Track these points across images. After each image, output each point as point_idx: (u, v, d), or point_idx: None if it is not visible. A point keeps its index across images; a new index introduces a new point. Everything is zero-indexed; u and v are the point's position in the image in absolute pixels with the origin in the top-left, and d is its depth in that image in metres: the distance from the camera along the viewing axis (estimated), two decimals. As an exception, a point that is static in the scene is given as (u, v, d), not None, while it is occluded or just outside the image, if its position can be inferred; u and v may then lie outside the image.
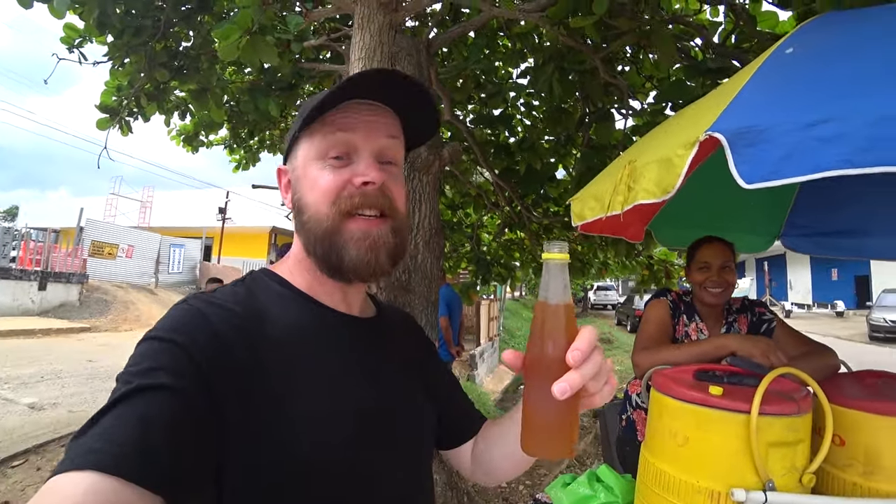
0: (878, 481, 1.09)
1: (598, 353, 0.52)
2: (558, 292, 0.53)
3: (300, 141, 0.69)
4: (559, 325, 0.52)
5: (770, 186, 0.71)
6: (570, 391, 0.48)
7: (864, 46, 0.84)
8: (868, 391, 1.24)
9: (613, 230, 1.82)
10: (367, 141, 0.67)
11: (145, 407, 0.48)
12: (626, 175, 1.05)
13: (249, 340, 0.59)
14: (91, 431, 0.46)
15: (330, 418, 0.61)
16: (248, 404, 0.56)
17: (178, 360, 0.53)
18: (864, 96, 0.69)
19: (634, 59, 3.62)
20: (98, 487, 0.42)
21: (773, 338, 1.65)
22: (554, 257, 0.53)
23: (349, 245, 0.64)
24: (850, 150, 0.63)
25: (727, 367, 1.24)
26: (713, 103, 0.96)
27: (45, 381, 6.46)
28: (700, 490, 1.02)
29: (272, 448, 0.56)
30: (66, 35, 3.65)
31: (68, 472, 0.43)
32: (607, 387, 0.55)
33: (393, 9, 2.00)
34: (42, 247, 13.56)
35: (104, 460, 0.43)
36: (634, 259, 5.31)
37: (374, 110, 0.68)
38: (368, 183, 0.65)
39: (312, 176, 0.67)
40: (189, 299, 0.62)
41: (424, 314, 2.47)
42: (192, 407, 0.51)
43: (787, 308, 21.66)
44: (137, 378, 0.50)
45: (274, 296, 0.68)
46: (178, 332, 0.56)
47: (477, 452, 0.84)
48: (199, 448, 0.51)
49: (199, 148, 5.47)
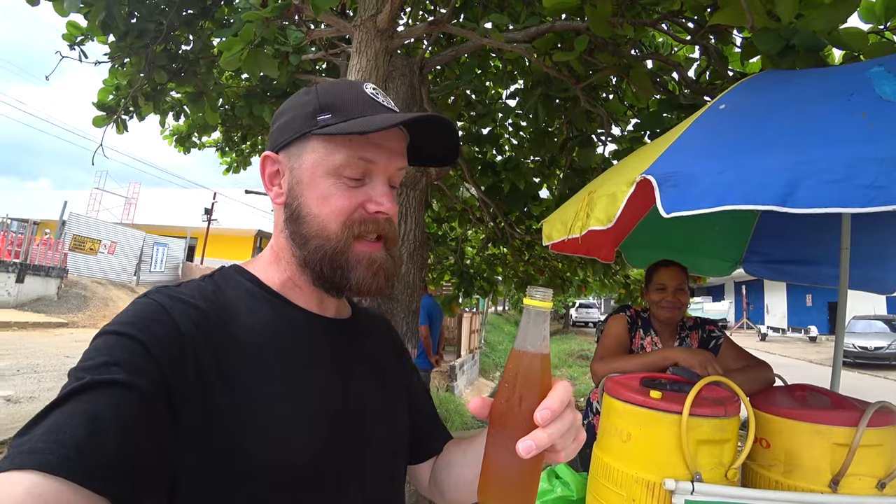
0: (796, 479, 1.25)
1: (570, 412, 0.51)
2: (536, 342, 0.50)
3: (310, 140, 0.65)
4: (533, 377, 0.50)
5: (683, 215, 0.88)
6: (536, 451, 0.46)
7: (779, 109, 1.02)
8: (795, 402, 1.40)
9: (584, 251, 1.99)
10: (385, 164, 0.66)
11: (96, 404, 0.45)
12: (585, 204, 1.22)
13: (212, 339, 0.57)
14: (36, 429, 0.43)
15: (294, 422, 0.59)
16: (207, 406, 0.53)
17: (135, 355, 0.50)
18: (762, 154, 0.86)
19: (616, 88, 3.83)
20: (40, 489, 0.39)
21: (720, 353, 1.82)
22: (535, 304, 0.50)
23: (358, 267, 0.65)
24: (743, 193, 0.81)
25: (670, 375, 1.40)
26: (655, 148, 1.13)
27: (22, 375, 6.41)
28: (638, 481, 1.17)
29: (230, 452, 0.54)
30: (69, 32, 3.72)
31: (9, 472, 0.40)
32: (574, 444, 0.53)
33: (389, 36, 2.16)
34: (21, 238, 13.37)
35: (48, 460, 0.41)
36: (612, 278, 5.50)
37: (396, 131, 0.68)
38: (381, 213, 0.65)
39: (324, 189, 0.64)
40: (150, 293, 0.59)
41: (405, 322, 2.60)
42: (147, 406, 0.48)
43: (762, 331, 22.11)
44: (90, 373, 0.48)
45: (243, 293, 0.65)
46: (137, 326, 0.53)
47: (436, 471, 0.82)
48: (151, 450, 0.48)
49: (192, 149, 5.54)
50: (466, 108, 4.28)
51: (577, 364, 15.07)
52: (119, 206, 25.64)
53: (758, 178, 0.81)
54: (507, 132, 4.47)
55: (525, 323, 0.51)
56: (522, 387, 0.50)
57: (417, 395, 0.85)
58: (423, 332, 4.77)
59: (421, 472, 0.84)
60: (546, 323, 0.51)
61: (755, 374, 1.64)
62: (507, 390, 0.50)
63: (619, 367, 1.61)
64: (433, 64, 3.26)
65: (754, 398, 1.39)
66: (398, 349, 0.86)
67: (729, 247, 2.66)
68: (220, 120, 4.85)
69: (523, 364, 0.50)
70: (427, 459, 0.83)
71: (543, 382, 0.50)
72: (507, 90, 4.45)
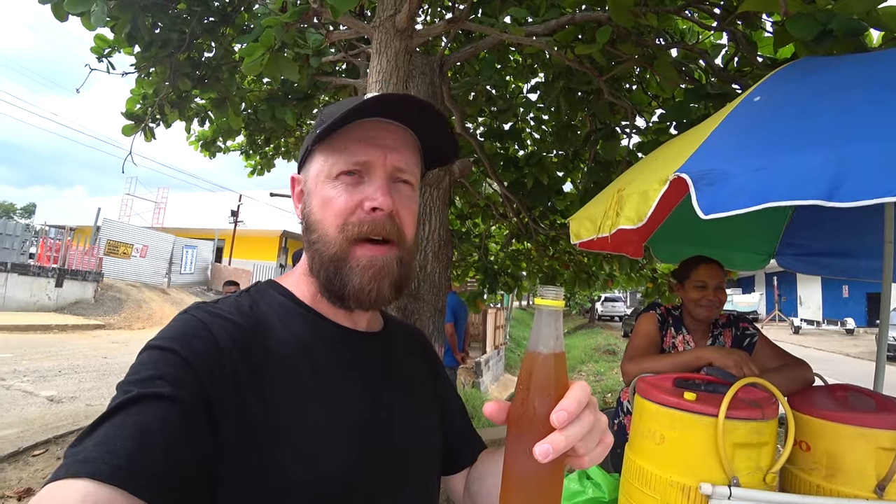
0: (838, 484, 1.20)
1: (590, 413, 0.48)
2: (549, 342, 0.49)
3: (315, 153, 0.68)
4: (548, 378, 0.48)
5: (722, 216, 0.84)
6: (553, 455, 0.44)
7: (816, 99, 0.97)
8: (836, 403, 1.34)
9: (613, 248, 1.95)
10: (382, 160, 0.65)
11: (144, 416, 0.48)
12: (614, 202, 1.18)
13: (250, 353, 0.58)
14: (88, 440, 0.46)
15: (329, 435, 0.59)
16: (244, 420, 0.55)
17: (178, 369, 0.52)
18: (801, 151, 0.82)
19: (640, 79, 3.74)
20: (94, 496, 0.41)
21: (754, 351, 1.76)
22: (547, 303, 0.49)
23: (353, 273, 0.63)
24: (783, 190, 0.77)
25: (704, 376, 1.36)
26: (688, 143, 1.09)
27: (63, 375, 6.67)
28: (673, 484, 1.14)
29: (266, 467, 0.55)
30: (97, 45, 3.83)
31: (65, 480, 0.42)
32: (600, 447, 0.50)
33: (409, 35, 2.15)
34: (59, 244, 13.88)
35: (101, 469, 0.43)
36: (639, 272, 5.41)
37: (391, 128, 0.67)
38: (377, 209, 0.63)
39: (324, 193, 0.65)
40: (191, 309, 0.61)
41: (432, 321, 2.60)
42: (190, 418, 0.50)
43: (796, 324, 21.45)
44: (137, 387, 0.50)
45: (277, 308, 0.67)
46: (180, 341, 0.55)
47: (469, 482, 0.81)
48: (195, 461, 0.49)
49: (217, 153, 5.65)
50: (487, 103, 4.25)
51: (603, 359, 14.89)
52: (149, 210, 26.40)
53: (800, 173, 0.77)
54: (528, 126, 4.42)
55: (537, 323, 0.50)
56: (537, 388, 0.48)
57: (450, 407, 0.85)
58: (448, 329, 4.77)
59: (455, 483, 0.83)
60: (559, 322, 0.50)
61: (793, 374, 1.58)
62: (523, 393, 0.49)
63: (650, 368, 1.57)
64: (453, 61, 3.24)
65: (793, 399, 1.34)
66: (431, 362, 0.85)
67: (762, 240, 2.57)
68: (244, 124, 4.94)
69: (537, 365, 0.49)
70: (461, 470, 0.83)
71: (559, 383, 0.48)
72: (527, 84, 4.40)
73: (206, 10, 3.74)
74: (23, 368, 6.78)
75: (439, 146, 0.73)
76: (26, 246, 13.88)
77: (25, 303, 12.28)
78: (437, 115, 0.67)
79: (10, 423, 4.64)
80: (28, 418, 4.81)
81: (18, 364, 7.03)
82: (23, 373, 6.55)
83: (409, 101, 0.64)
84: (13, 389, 5.74)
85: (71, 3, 2.71)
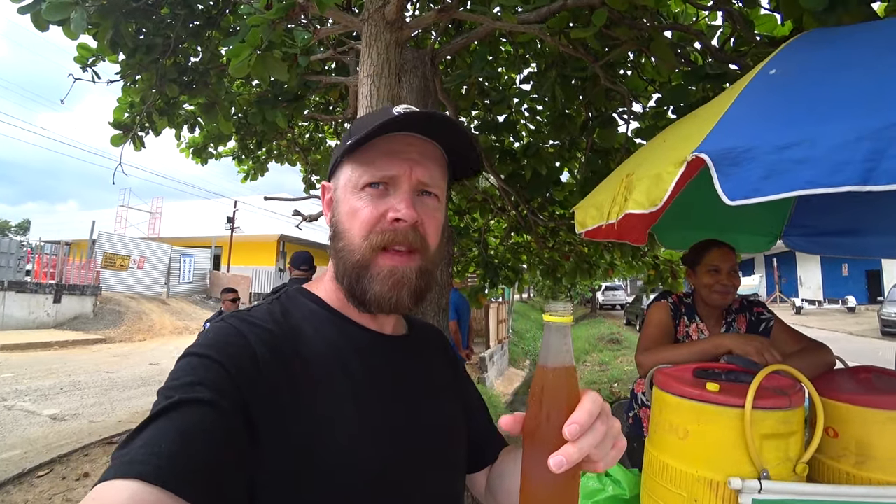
0: (869, 470, 1.15)
1: (601, 423, 0.50)
2: (559, 356, 0.51)
3: (344, 163, 0.70)
4: (559, 392, 0.50)
5: (750, 203, 0.78)
6: (567, 465, 0.46)
7: (839, 69, 0.91)
8: (861, 386, 1.30)
9: (617, 236, 1.89)
10: (407, 173, 0.66)
11: (185, 420, 0.50)
12: (623, 187, 1.13)
13: (284, 360, 0.60)
14: (134, 443, 0.48)
15: (363, 439, 0.61)
16: (280, 425, 0.56)
17: (216, 375, 0.54)
18: (831, 121, 0.76)
19: (636, 64, 3.68)
20: (141, 496, 0.43)
21: (771, 336, 1.71)
22: (555, 320, 0.51)
23: (375, 280, 0.65)
24: (817, 172, 0.71)
25: (725, 364, 1.31)
26: (702, 121, 1.03)
27: (65, 393, 6.59)
28: (700, 480, 1.09)
29: (303, 468, 0.56)
30: (80, 55, 3.75)
31: (113, 480, 0.44)
32: (613, 451, 0.53)
33: (399, 27, 2.09)
34: (56, 260, 13.78)
35: (147, 470, 0.45)
36: (640, 260, 5.36)
37: (417, 141, 0.68)
38: (400, 220, 0.65)
39: (351, 203, 0.67)
40: (227, 317, 0.64)
41: (436, 319, 2.55)
42: (228, 422, 0.52)
43: (797, 305, 21.44)
44: (178, 392, 0.52)
45: (309, 314, 0.69)
46: (217, 349, 0.57)
47: (490, 480, 0.83)
48: (234, 464, 0.51)
49: (209, 159, 5.59)
50: (480, 96, 4.18)
51: (607, 348, 14.87)
52: (144, 221, 26.24)
53: (830, 152, 0.70)
54: (523, 118, 4.35)
55: (546, 338, 0.52)
56: (549, 402, 0.50)
57: (473, 405, 0.87)
58: (452, 327, 4.73)
59: (477, 480, 0.85)
60: (567, 337, 0.51)
61: (814, 358, 1.52)
62: (536, 407, 0.51)
63: (667, 358, 1.50)
64: (444, 54, 3.18)
65: (815, 383, 1.29)
66: (451, 359, 0.87)
67: (769, 221, 2.52)
68: (234, 128, 4.87)
69: (548, 379, 0.51)
70: (483, 468, 0.84)
71: (570, 396, 0.50)
72: (520, 75, 4.33)
73: (190, 13, 3.67)
74: (24, 387, 6.71)
75: (465, 159, 0.74)
76: (22, 263, 13.77)
77: (24, 321, 12.19)
78: (461, 130, 0.69)
79: (14, 444, 4.58)
80: (31, 438, 4.75)
81: (19, 383, 6.96)
82: (24, 392, 6.48)
83: (436, 116, 0.66)
84: (15, 409, 5.67)
85: (50, 11, 2.63)
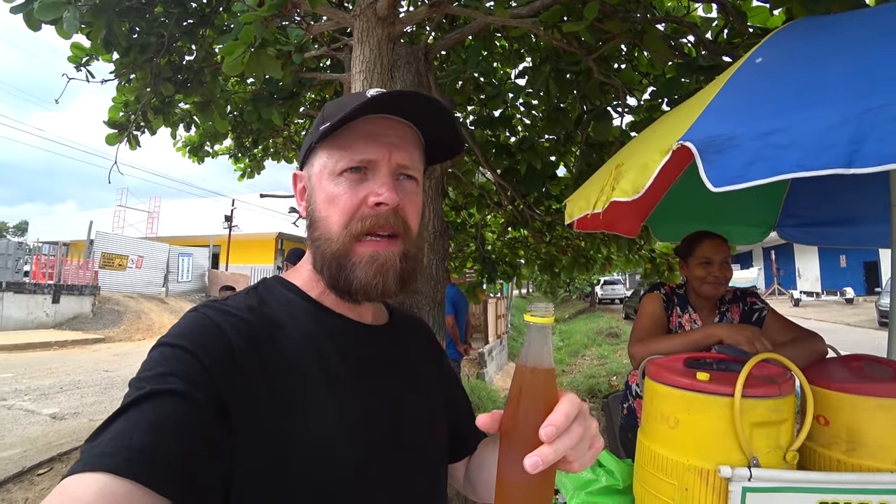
0: (860, 457, 1.16)
1: (578, 425, 0.50)
2: (538, 356, 0.50)
3: (318, 150, 0.68)
4: (536, 392, 0.50)
5: (734, 189, 0.79)
6: (543, 466, 0.46)
7: (826, 56, 0.91)
8: (852, 374, 1.31)
9: (605, 226, 1.90)
10: (386, 157, 0.65)
11: (157, 412, 0.48)
12: (611, 178, 1.13)
13: (259, 350, 0.59)
14: (104, 435, 0.47)
15: (340, 429, 0.60)
16: (257, 414, 0.55)
17: (189, 366, 0.53)
18: (815, 107, 0.76)
19: (629, 57, 3.68)
20: (110, 489, 0.42)
21: (764, 326, 1.72)
22: (536, 320, 0.50)
23: (357, 268, 0.64)
24: (801, 156, 0.71)
25: (716, 354, 1.32)
26: (690, 111, 1.04)
27: (65, 392, 6.60)
28: (691, 468, 1.10)
29: (280, 458, 0.55)
30: (74, 54, 3.74)
31: (82, 474, 0.43)
32: (590, 452, 0.53)
33: (391, 22, 2.08)
34: (54, 260, 13.77)
35: (117, 463, 0.44)
36: (637, 253, 5.37)
37: (395, 124, 0.67)
38: (382, 204, 0.63)
39: (328, 190, 0.65)
40: (200, 307, 0.62)
41: (431, 314, 2.55)
42: (201, 413, 0.51)
43: (795, 297, 21.48)
44: (150, 383, 0.51)
45: (286, 303, 0.67)
46: (190, 339, 0.56)
47: (469, 470, 0.83)
48: (207, 455, 0.50)
49: (205, 158, 5.58)
50: (475, 91, 4.17)
51: (606, 342, 14.89)
52: (142, 220, 26.22)
53: (814, 137, 0.70)
54: (518, 112, 4.35)
55: (528, 338, 0.51)
56: (527, 402, 0.50)
57: (454, 397, 0.86)
58: (449, 322, 4.73)
59: (457, 470, 0.85)
60: (548, 338, 0.51)
61: (806, 347, 1.53)
62: (513, 406, 0.51)
63: (659, 349, 1.52)
64: (438, 49, 3.18)
65: (807, 372, 1.30)
66: (434, 351, 0.86)
67: (762, 212, 2.53)
68: (230, 127, 4.86)
69: (527, 379, 0.50)
70: (462, 459, 0.85)
71: (548, 397, 0.50)
72: (515, 69, 4.32)
73: (183, 12, 3.66)
74: (24, 387, 6.72)
75: (444, 141, 0.72)
76: (21, 264, 13.75)
77: (23, 321, 12.18)
78: (441, 109, 0.67)
79: (13, 443, 4.59)
80: (31, 437, 4.76)
81: (19, 383, 6.96)
82: (24, 391, 6.49)
83: (414, 97, 0.64)
84: (15, 409, 5.68)
85: (42, 11, 2.62)
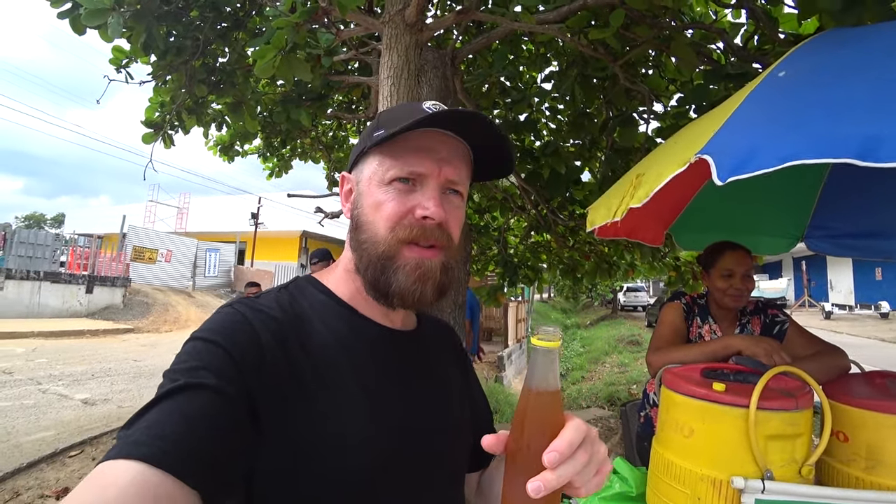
0: (879, 476, 1.15)
1: (583, 452, 0.50)
2: (544, 380, 0.50)
3: (369, 155, 0.69)
4: (542, 416, 0.50)
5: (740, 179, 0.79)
6: (545, 492, 0.46)
7: (851, 72, 0.91)
8: (874, 391, 1.29)
9: (626, 233, 1.89)
10: (436, 171, 0.66)
11: (190, 405, 0.50)
12: (632, 187, 1.15)
13: (289, 348, 0.60)
14: (138, 424, 0.48)
15: (366, 432, 0.60)
16: (284, 412, 0.56)
17: (221, 361, 0.54)
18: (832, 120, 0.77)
19: (656, 63, 3.65)
20: (143, 477, 0.44)
21: (786, 339, 1.70)
22: (542, 344, 0.50)
23: (400, 272, 0.64)
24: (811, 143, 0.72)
25: (734, 365, 1.32)
26: (709, 125, 1.05)
27: (96, 379, 6.85)
28: (703, 478, 1.10)
29: (304, 460, 0.56)
30: (115, 57, 3.89)
31: (116, 460, 0.45)
32: (596, 478, 0.52)
33: (419, 29, 2.13)
34: (88, 252, 14.26)
35: (151, 453, 0.45)
36: (661, 261, 5.30)
37: (447, 139, 0.68)
38: (428, 218, 0.65)
39: (376, 196, 0.66)
40: (234, 304, 0.63)
41: (452, 316, 2.59)
42: (232, 408, 0.52)
43: (826, 309, 20.78)
44: (183, 376, 0.52)
45: (316, 304, 0.68)
46: (222, 334, 0.57)
47: (482, 484, 0.83)
48: (236, 450, 0.51)
49: (235, 157, 5.72)
50: (501, 95, 4.19)
51: (627, 350, 14.69)
52: (172, 215, 26.91)
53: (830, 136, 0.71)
54: (544, 117, 4.35)
55: (533, 361, 0.51)
56: (531, 426, 0.50)
57: (477, 406, 0.86)
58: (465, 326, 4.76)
59: (471, 480, 0.84)
60: (555, 362, 0.51)
61: (827, 362, 1.51)
62: (518, 429, 0.51)
63: (676, 358, 1.52)
64: (464, 54, 3.21)
65: (828, 387, 1.29)
66: (460, 357, 0.86)
67: (789, 222, 2.48)
68: (260, 127, 4.98)
69: (531, 402, 0.50)
70: (478, 470, 0.84)
71: (553, 421, 0.50)
72: (541, 74, 4.32)
73: (218, 16, 3.77)
74: (58, 372, 7.00)
75: (493, 162, 0.73)
76: (57, 255, 14.30)
77: (59, 309, 12.67)
78: (496, 132, 0.68)
79: (48, 425, 4.79)
80: (64, 420, 4.96)
81: (53, 368, 7.25)
82: (58, 377, 6.76)
83: (472, 119, 0.66)
84: (49, 393, 5.92)
85: (88, 17, 2.75)
